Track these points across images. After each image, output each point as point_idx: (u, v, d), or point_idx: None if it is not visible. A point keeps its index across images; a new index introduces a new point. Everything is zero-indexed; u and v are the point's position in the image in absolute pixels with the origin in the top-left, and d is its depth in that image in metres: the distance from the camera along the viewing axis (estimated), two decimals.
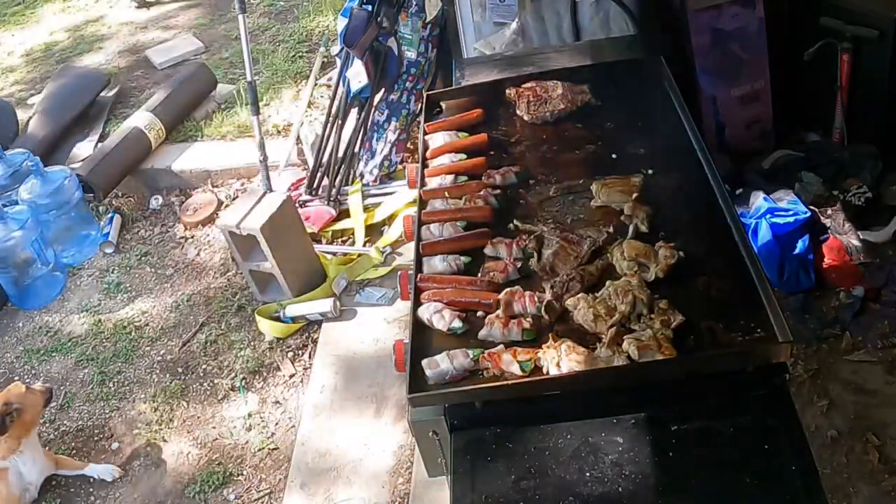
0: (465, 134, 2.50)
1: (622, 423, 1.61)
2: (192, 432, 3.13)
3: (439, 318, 1.84)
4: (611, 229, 2.00)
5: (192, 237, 4.14)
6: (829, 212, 3.13)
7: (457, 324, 1.83)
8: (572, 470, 1.55)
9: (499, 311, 1.82)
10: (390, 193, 3.87)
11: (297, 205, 3.68)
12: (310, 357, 3.31)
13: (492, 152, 2.42)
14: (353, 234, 3.81)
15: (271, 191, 3.47)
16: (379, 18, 3.63)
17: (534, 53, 3.01)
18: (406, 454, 2.77)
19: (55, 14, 6.79)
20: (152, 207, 4.41)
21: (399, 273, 2.08)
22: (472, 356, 1.72)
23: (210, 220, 4.19)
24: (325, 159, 3.93)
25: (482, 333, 1.81)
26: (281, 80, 4.94)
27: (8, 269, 3.87)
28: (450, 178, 2.32)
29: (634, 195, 2.06)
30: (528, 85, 2.55)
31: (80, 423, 3.27)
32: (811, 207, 3.10)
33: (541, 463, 1.59)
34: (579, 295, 1.81)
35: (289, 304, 3.43)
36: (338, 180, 3.91)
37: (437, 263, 2.03)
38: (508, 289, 1.86)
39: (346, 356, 3.23)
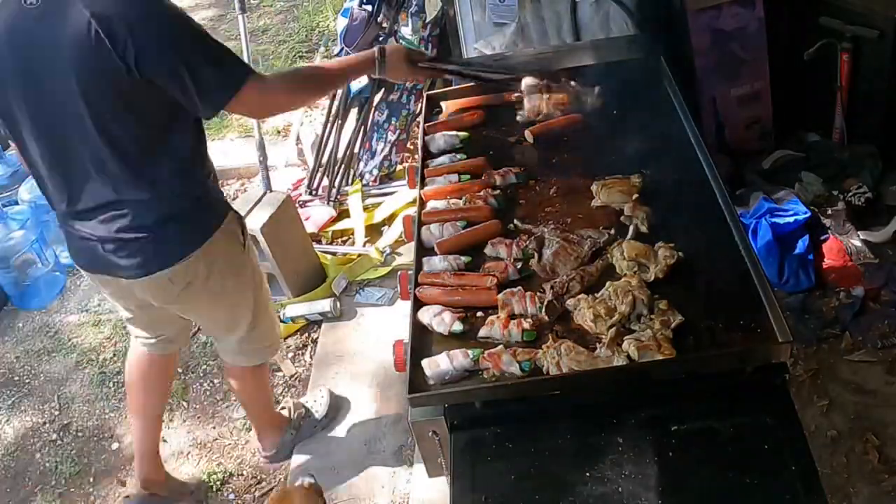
0: (466, 134, 2.51)
1: (622, 423, 1.61)
2: (192, 432, 3.12)
3: (439, 321, 1.84)
4: (611, 230, 2.00)
5: None
6: (829, 212, 3.13)
7: (457, 326, 1.82)
8: (572, 470, 1.55)
9: (499, 312, 1.82)
10: (390, 193, 3.87)
11: (297, 205, 3.67)
12: (310, 357, 3.31)
13: (492, 152, 2.42)
14: (353, 234, 3.81)
15: (271, 191, 3.47)
16: (379, 18, 3.62)
17: (534, 53, 3.01)
18: (406, 454, 2.77)
19: None
20: None
21: (399, 273, 2.07)
22: (472, 356, 1.72)
23: None
24: (325, 159, 3.93)
25: (482, 334, 1.81)
26: None
27: (8, 269, 3.86)
28: (450, 178, 2.32)
29: (634, 195, 2.06)
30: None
31: (80, 423, 3.27)
32: (811, 207, 3.10)
33: (541, 463, 1.59)
34: (579, 295, 1.81)
35: (289, 304, 3.43)
36: (338, 180, 3.91)
37: (437, 263, 2.03)
38: (508, 289, 1.86)
39: (346, 356, 3.23)
